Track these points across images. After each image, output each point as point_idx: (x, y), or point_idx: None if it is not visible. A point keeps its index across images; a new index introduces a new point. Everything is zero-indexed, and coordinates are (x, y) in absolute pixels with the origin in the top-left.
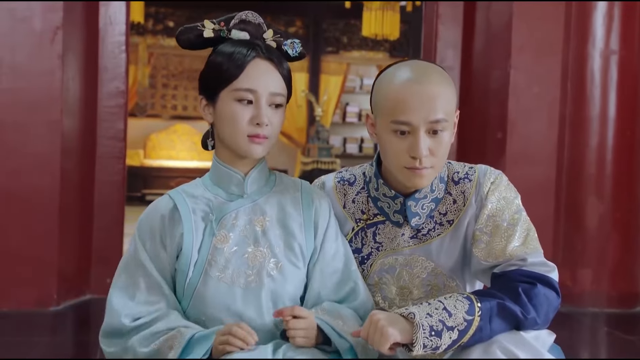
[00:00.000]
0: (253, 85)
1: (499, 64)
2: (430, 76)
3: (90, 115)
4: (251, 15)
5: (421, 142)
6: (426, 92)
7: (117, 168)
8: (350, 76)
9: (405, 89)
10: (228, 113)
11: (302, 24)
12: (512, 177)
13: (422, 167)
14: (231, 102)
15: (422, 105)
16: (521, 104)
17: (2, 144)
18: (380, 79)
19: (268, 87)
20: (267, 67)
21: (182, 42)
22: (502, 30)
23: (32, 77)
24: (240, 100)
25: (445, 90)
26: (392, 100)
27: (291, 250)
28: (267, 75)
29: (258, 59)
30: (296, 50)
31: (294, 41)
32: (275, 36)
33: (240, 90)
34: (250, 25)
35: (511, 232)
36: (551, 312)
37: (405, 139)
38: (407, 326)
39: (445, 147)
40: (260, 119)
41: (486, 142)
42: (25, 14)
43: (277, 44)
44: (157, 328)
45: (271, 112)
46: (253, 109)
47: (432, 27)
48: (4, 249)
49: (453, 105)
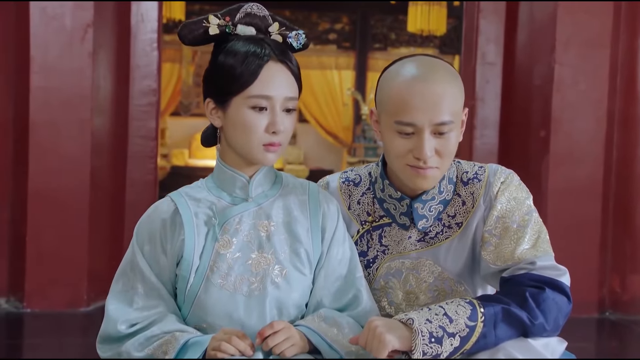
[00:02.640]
0: (269, 92)
1: (543, 59)
2: (436, 74)
3: (121, 114)
4: (256, 7)
5: (425, 144)
6: (431, 91)
7: (149, 167)
8: None
9: (409, 88)
10: (242, 121)
11: (348, 20)
12: (557, 178)
13: (426, 167)
14: (245, 109)
15: (427, 106)
16: (566, 100)
17: (35, 143)
18: (384, 75)
19: (283, 92)
20: (280, 70)
21: (185, 39)
22: (546, 23)
23: (63, 76)
24: (255, 107)
25: (451, 88)
26: (395, 99)
27: (297, 256)
28: (281, 79)
29: (271, 62)
30: (300, 42)
31: (298, 32)
32: (280, 29)
33: (255, 97)
34: (256, 18)
35: (521, 234)
36: (561, 319)
37: (409, 139)
38: (406, 332)
39: (452, 147)
40: (277, 127)
41: (529, 141)
42: (57, 11)
43: (282, 37)
44: (152, 332)
45: (285, 118)
46: (268, 116)
47: (473, 21)
48: (37, 250)
49: (460, 103)
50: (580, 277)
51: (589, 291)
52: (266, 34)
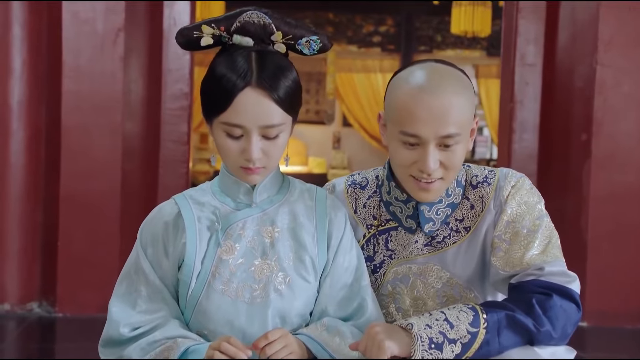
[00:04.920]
0: (241, 121)
1: (585, 60)
2: (443, 85)
3: (153, 118)
4: (256, 16)
5: (430, 157)
6: (437, 104)
7: (180, 172)
8: None
9: (415, 99)
10: (219, 143)
11: (393, 22)
12: (598, 183)
13: (430, 181)
14: (221, 133)
15: (433, 119)
16: (608, 103)
17: (67, 147)
18: (394, 81)
19: (258, 122)
20: (257, 98)
21: (183, 45)
22: (588, 23)
23: (94, 80)
24: (229, 133)
25: (459, 100)
26: (401, 109)
27: (302, 263)
28: (257, 107)
29: (248, 88)
30: (313, 49)
31: (310, 39)
32: (285, 38)
33: (228, 125)
34: (255, 27)
35: (531, 239)
36: (570, 326)
37: (414, 150)
38: (406, 338)
39: (457, 160)
40: (249, 155)
41: (570, 145)
42: (89, 15)
43: (288, 45)
44: (154, 337)
45: (267, 144)
46: (244, 141)
47: (512, 22)
48: (68, 254)
49: (469, 114)
50: (624, 286)
51: (634, 301)
52: (269, 44)
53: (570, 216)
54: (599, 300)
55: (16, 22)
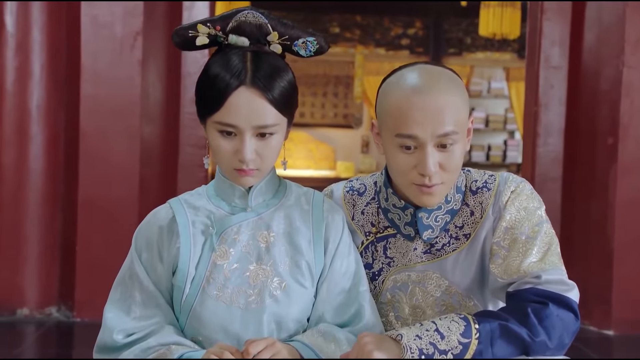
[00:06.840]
0: (233, 121)
1: (611, 62)
2: (436, 84)
3: (172, 122)
4: (252, 15)
5: (429, 159)
6: (431, 103)
7: (199, 176)
8: (475, 79)
9: (408, 101)
10: (213, 144)
11: (421, 24)
12: (625, 188)
13: (431, 185)
14: (215, 132)
15: (428, 119)
16: (635, 105)
17: (85, 152)
18: (383, 87)
19: (251, 121)
20: (251, 98)
21: (178, 45)
22: (614, 24)
23: (112, 84)
24: (222, 132)
25: (453, 98)
26: (395, 113)
27: (298, 268)
28: (250, 107)
29: (242, 87)
30: (310, 50)
31: (306, 40)
32: (281, 39)
33: (220, 124)
34: (251, 27)
35: (529, 246)
36: (567, 336)
37: (412, 154)
38: (396, 349)
39: (457, 160)
40: (242, 156)
41: (595, 149)
42: (107, 19)
43: (284, 47)
44: (148, 344)
45: (260, 144)
46: (237, 142)
47: (537, 23)
48: (87, 259)
49: (464, 113)
50: None
51: None
52: (265, 44)
53: (596, 222)
54: (625, 308)
55: (35, 26)
